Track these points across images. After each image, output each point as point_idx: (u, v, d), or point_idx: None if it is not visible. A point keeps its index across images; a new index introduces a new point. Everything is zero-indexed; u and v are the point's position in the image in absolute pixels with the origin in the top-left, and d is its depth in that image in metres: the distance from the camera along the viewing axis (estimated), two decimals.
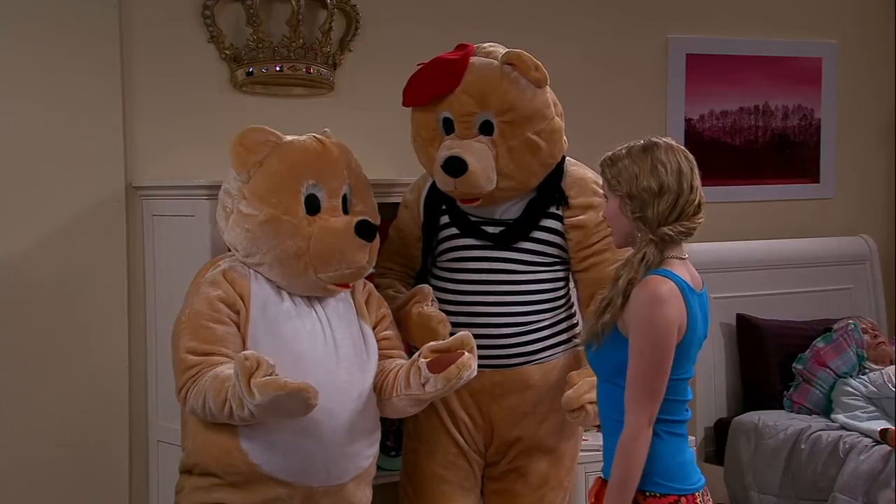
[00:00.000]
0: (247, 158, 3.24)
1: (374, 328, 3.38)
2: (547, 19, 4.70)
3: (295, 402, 2.91)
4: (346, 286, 3.30)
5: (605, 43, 4.86)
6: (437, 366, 3.19)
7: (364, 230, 3.23)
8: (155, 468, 3.94)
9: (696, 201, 2.79)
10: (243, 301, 3.20)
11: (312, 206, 3.26)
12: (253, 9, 4.08)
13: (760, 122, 5.30)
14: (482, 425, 3.57)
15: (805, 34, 5.38)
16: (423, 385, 3.20)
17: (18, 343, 3.79)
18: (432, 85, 3.49)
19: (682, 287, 2.75)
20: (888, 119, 5.62)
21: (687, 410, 2.87)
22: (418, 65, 3.56)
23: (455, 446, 3.57)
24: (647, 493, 2.76)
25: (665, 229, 2.77)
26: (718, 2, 5.17)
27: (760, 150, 5.31)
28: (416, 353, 3.27)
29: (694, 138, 5.11)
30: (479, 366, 3.44)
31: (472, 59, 3.50)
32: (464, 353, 3.20)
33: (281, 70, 4.14)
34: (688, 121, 5.13)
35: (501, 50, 3.54)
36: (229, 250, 3.35)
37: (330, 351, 3.21)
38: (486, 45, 3.59)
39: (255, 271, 3.26)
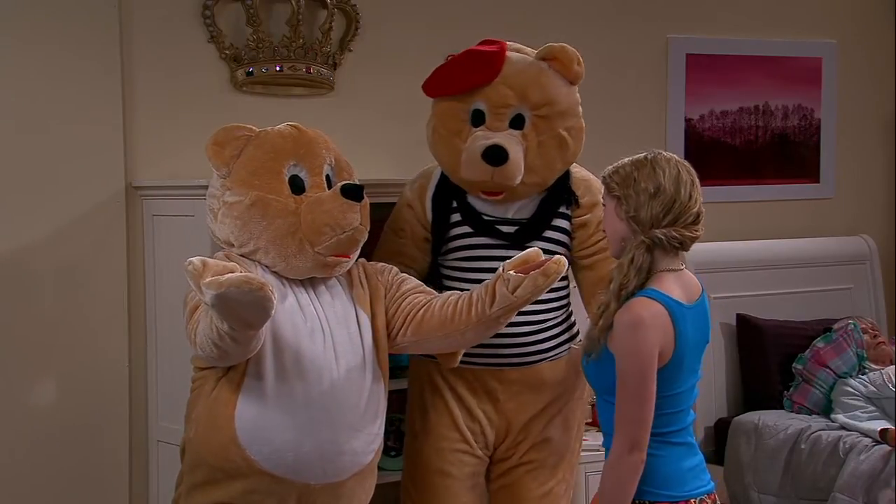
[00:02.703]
0: (223, 154, 3.24)
1: (388, 295, 3.34)
2: (547, 20, 4.70)
3: (245, 294, 2.77)
4: (345, 256, 3.26)
5: (605, 43, 4.86)
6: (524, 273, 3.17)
7: (350, 191, 3.20)
8: (155, 468, 3.94)
9: (694, 211, 2.79)
10: None
11: (297, 187, 3.24)
12: (253, 9, 4.08)
13: (760, 122, 5.30)
14: (497, 422, 3.58)
15: (805, 34, 5.38)
16: (513, 291, 3.14)
17: (19, 343, 3.80)
18: (469, 75, 3.45)
19: (670, 307, 2.74)
20: (888, 119, 5.62)
21: (689, 416, 2.87)
22: (448, 56, 3.53)
23: (463, 442, 3.57)
24: (637, 503, 2.77)
25: (657, 232, 2.77)
26: (718, 2, 5.17)
27: (760, 150, 5.31)
28: (494, 276, 3.22)
29: (694, 138, 5.11)
30: (497, 364, 3.49)
31: (509, 53, 3.48)
32: (552, 258, 3.16)
33: (281, 70, 4.14)
34: (688, 121, 5.12)
35: (529, 48, 3.54)
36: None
37: (329, 348, 3.20)
38: (510, 42, 3.57)
39: (256, 263, 3.24)
